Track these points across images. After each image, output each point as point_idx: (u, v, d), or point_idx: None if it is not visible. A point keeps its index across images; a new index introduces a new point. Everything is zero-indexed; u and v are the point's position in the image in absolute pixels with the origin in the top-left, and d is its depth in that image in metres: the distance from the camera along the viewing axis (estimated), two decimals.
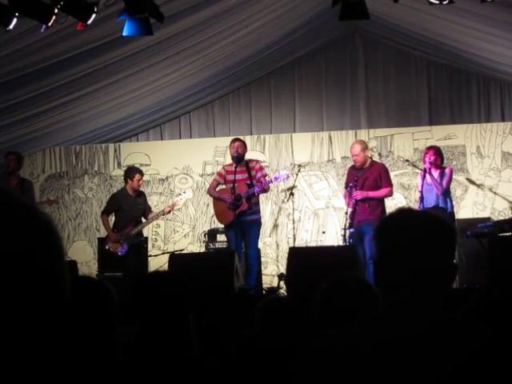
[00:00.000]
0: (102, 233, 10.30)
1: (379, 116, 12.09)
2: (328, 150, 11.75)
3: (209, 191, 9.46)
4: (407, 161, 10.64)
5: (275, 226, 11.64)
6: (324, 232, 11.43)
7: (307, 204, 11.64)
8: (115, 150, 12.20)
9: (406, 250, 1.83)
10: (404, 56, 12.02)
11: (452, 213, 9.01)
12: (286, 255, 8.40)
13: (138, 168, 9.97)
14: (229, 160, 9.88)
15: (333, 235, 11.31)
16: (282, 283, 8.91)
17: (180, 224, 11.89)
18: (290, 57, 12.10)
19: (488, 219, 10.08)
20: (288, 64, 12.27)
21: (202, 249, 10.65)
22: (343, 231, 8.86)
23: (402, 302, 1.80)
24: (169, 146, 12.24)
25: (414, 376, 1.70)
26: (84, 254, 11.79)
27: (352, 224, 8.65)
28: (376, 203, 8.73)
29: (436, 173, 9.00)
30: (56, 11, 6.83)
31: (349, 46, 12.20)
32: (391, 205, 9.84)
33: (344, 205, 9.37)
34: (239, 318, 5.52)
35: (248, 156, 9.29)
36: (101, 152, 12.22)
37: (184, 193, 10.23)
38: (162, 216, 10.00)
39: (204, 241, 10.60)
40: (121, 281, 8.88)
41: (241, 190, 8.86)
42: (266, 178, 9.04)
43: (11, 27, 6.92)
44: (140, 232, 9.71)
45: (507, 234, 8.81)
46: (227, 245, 9.25)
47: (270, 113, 12.37)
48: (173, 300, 2.64)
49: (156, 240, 11.81)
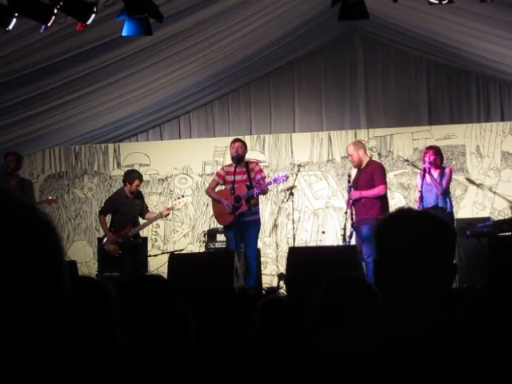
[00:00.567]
0: (102, 233, 10.31)
1: (379, 116, 12.08)
2: (327, 150, 11.74)
3: (208, 192, 9.44)
4: (407, 160, 10.64)
5: (275, 226, 11.63)
6: (324, 232, 11.43)
7: (307, 204, 11.64)
8: (115, 150, 12.20)
9: (406, 250, 1.83)
10: (403, 56, 12.00)
11: (451, 213, 9.01)
12: (286, 255, 8.41)
13: (139, 173, 9.95)
14: (228, 160, 9.87)
15: (332, 235, 11.31)
16: (282, 283, 8.90)
17: (180, 224, 11.88)
18: (290, 57, 12.09)
19: (488, 219, 10.07)
20: (287, 64, 12.27)
21: (202, 249, 10.65)
22: (343, 231, 8.87)
23: (402, 302, 1.80)
24: (168, 146, 12.23)
25: (414, 376, 1.70)
26: (84, 254, 11.79)
27: (353, 224, 8.68)
28: (372, 202, 8.70)
29: (436, 173, 8.99)
30: (55, 11, 6.83)
31: (348, 46, 12.19)
32: (391, 205, 9.82)
33: (344, 205, 9.37)
34: (239, 318, 5.52)
35: (248, 156, 9.29)
36: (100, 152, 12.21)
37: (183, 196, 10.24)
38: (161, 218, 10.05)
39: (204, 241, 10.60)
40: (119, 281, 8.89)
41: (240, 192, 8.85)
42: (266, 180, 9.03)
43: (11, 27, 6.91)
44: (137, 233, 9.75)
45: (507, 234, 8.81)
46: (226, 245, 9.25)
47: (270, 113, 12.36)
48: (150, 300, 2.63)
49: (156, 240, 11.81)
